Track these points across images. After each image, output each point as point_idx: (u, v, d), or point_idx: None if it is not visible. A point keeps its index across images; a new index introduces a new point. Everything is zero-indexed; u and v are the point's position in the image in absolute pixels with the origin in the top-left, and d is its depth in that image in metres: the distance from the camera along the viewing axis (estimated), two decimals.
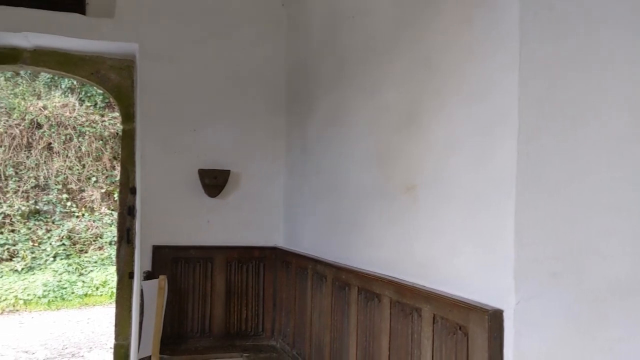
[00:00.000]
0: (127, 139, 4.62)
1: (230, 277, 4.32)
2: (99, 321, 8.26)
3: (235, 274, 4.34)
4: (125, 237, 4.58)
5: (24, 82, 11.49)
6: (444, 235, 2.21)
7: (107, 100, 11.87)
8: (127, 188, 4.59)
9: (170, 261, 4.16)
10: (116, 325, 4.63)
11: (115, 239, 10.93)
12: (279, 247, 4.38)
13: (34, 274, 10.08)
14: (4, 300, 9.04)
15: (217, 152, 4.32)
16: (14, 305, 9.02)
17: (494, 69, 1.96)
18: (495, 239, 1.90)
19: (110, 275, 10.16)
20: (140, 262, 4.15)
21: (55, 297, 9.43)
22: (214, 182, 4.23)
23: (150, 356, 3.76)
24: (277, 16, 4.49)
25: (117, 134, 11.74)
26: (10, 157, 10.97)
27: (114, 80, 4.54)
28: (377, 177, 2.84)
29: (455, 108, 2.17)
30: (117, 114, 11.86)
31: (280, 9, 4.49)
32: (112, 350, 6.31)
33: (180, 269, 4.20)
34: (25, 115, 11.14)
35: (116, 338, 4.62)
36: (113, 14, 4.12)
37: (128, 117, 4.59)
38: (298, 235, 4.08)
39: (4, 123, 10.93)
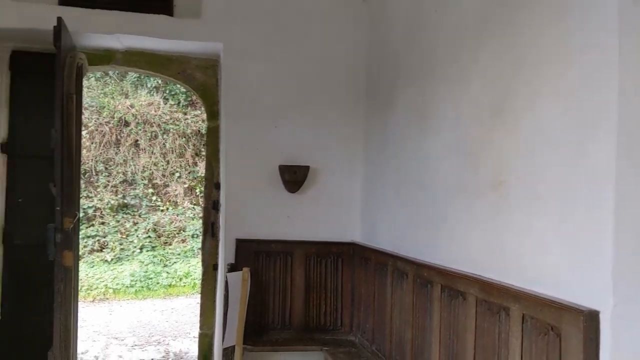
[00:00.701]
0: (212, 136, 4.78)
1: (309, 272, 4.38)
2: (182, 311, 8.59)
3: (314, 268, 4.39)
4: (210, 231, 4.74)
5: (112, 82, 12.10)
6: (534, 233, 2.15)
7: (189, 99, 12.30)
8: (212, 183, 4.75)
9: (252, 254, 4.27)
10: (201, 315, 4.81)
11: (197, 232, 11.39)
12: (356, 242, 4.39)
13: (122, 264, 10.62)
14: (95, 288, 9.58)
15: (297, 148, 4.38)
16: (104, 294, 9.54)
17: (590, 61, 1.88)
18: (592, 236, 1.83)
19: (192, 267, 10.54)
20: (224, 254, 4.29)
21: (142, 287, 9.90)
22: (294, 177, 4.30)
23: (234, 346, 3.88)
24: (357, 12, 4.49)
25: (199, 131, 12.14)
26: (101, 153, 11.59)
27: (199, 79, 4.70)
28: (462, 172, 2.79)
29: (548, 102, 2.10)
30: (198, 111, 12.29)
31: (360, 5, 4.49)
32: (197, 339, 6.59)
33: (261, 262, 4.30)
34: (114, 114, 11.74)
35: (201, 327, 4.80)
36: (199, 15, 4.27)
37: (212, 114, 4.75)
38: (377, 231, 4.08)
39: (95, 121, 11.56)
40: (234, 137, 4.33)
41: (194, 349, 6.20)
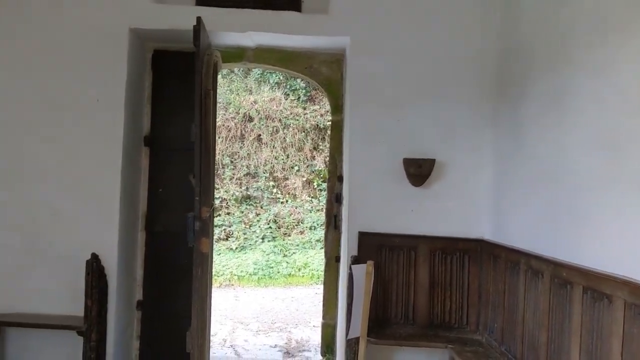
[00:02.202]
0: (336, 129, 4.84)
1: (434, 268, 4.30)
2: (302, 300, 8.82)
3: (439, 264, 4.31)
4: (333, 223, 4.82)
5: (237, 79, 12.67)
6: None
7: (308, 94, 12.57)
8: (335, 176, 4.81)
9: (375, 247, 4.28)
10: (324, 305, 4.90)
11: (315, 224, 11.65)
12: (485, 239, 4.24)
13: (245, 253, 11.13)
14: (221, 275, 10.11)
15: (422, 141, 4.31)
16: (229, 280, 10.05)
17: None
18: None
19: (310, 258, 10.80)
20: (347, 247, 4.34)
21: (264, 275, 10.31)
22: (419, 171, 4.24)
23: (358, 338, 3.91)
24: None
25: (317, 125, 12.38)
26: (227, 147, 12.20)
27: (325, 73, 4.78)
28: (607, 166, 2.60)
29: None
30: (317, 106, 12.52)
31: None
32: (317, 328, 6.74)
33: (384, 256, 4.29)
34: (239, 109, 12.30)
35: (323, 317, 4.90)
36: (327, 10, 4.33)
37: (337, 108, 4.81)
38: (507, 227, 3.91)
39: (222, 117, 12.17)
40: (357, 131, 4.35)
41: (314, 338, 6.35)
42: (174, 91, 4.78)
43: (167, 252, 4.78)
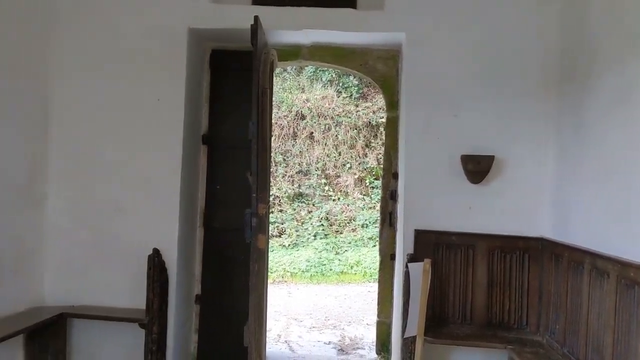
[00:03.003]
0: (391, 126, 4.81)
1: (493, 266, 4.22)
2: (354, 298, 8.81)
3: (497, 263, 4.22)
4: (388, 220, 4.79)
5: (290, 77, 12.77)
6: None
7: (361, 91, 12.54)
8: (390, 173, 4.79)
9: (432, 245, 4.23)
10: (378, 303, 4.89)
11: (367, 222, 11.61)
12: (545, 237, 4.12)
13: (298, 250, 11.21)
14: (274, 271, 10.22)
15: (480, 138, 4.23)
16: (282, 277, 10.15)
17: None
18: None
19: (362, 255, 10.78)
20: (403, 245, 4.30)
21: (316, 272, 10.36)
22: (477, 167, 4.17)
23: (414, 336, 3.88)
24: None
25: (370, 123, 12.34)
26: (280, 145, 12.32)
27: (380, 70, 4.77)
28: None
29: None
30: (369, 103, 12.48)
31: None
32: (371, 326, 6.72)
33: (441, 254, 4.24)
34: (292, 108, 12.40)
35: (378, 315, 4.88)
36: (382, 6, 4.31)
37: (392, 105, 4.78)
38: (570, 225, 3.79)
39: (275, 115, 12.29)
40: (413, 127, 4.31)
41: (368, 336, 6.33)
42: (231, 90, 4.86)
43: (224, 248, 4.87)
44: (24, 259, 4.21)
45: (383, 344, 4.87)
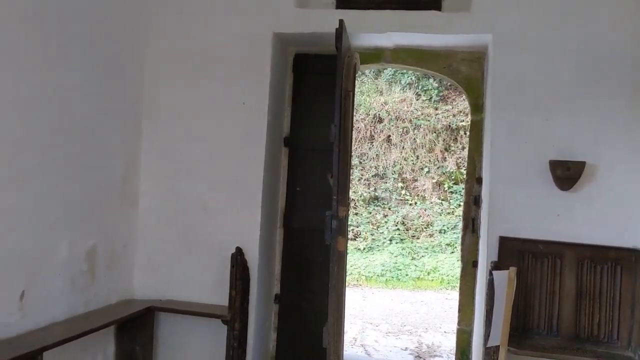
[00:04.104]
0: (475, 129, 4.71)
1: (582, 277, 4.02)
2: (431, 305, 8.68)
3: (587, 274, 4.02)
4: (470, 226, 4.68)
5: (368, 80, 12.77)
6: None
7: (441, 94, 12.36)
8: (474, 178, 4.68)
9: (516, 253, 4.09)
10: (459, 310, 4.78)
11: (445, 227, 11.41)
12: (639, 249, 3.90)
13: (373, 253, 11.18)
14: (349, 274, 10.23)
15: (570, 142, 4.05)
16: (357, 280, 10.15)
17: None
18: None
19: (440, 262, 10.60)
20: (486, 252, 4.19)
21: (391, 277, 10.28)
22: (567, 174, 3.99)
23: (497, 346, 3.77)
24: None
25: (449, 126, 12.14)
26: (356, 148, 12.34)
27: (465, 72, 4.67)
28: None
29: None
30: (449, 106, 12.27)
31: None
32: (448, 334, 6.61)
33: (526, 263, 4.09)
34: (369, 111, 12.40)
35: (459, 323, 4.78)
36: (469, 8, 4.23)
37: (477, 108, 4.68)
38: None
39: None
40: (499, 131, 4.19)
41: (446, 344, 6.22)
42: (313, 93, 4.92)
43: (302, 249, 4.93)
44: (116, 255, 4.44)
45: (463, 353, 4.76)
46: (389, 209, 12.20)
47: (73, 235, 3.91)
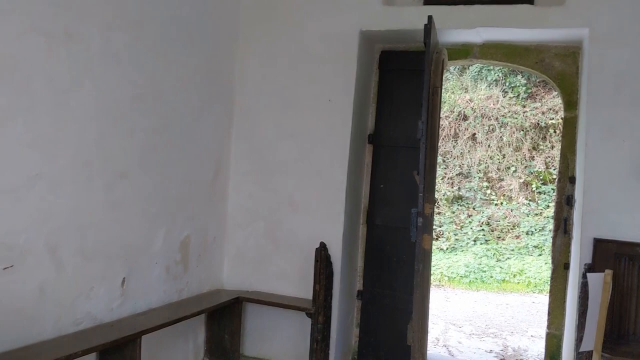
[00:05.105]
0: (569, 127, 4.53)
1: None
2: (517, 308, 8.40)
3: None
4: (562, 227, 4.51)
5: (453, 77, 12.53)
6: None
7: (529, 91, 11.93)
8: (566, 177, 4.50)
9: (612, 256, 3.90)
10: (549, 314, 4.62)
11: (533, 229, 11.00)
12: None
13: (456, 254, 10.96)
14: (431, 274, 10.11)
15: None
16: (439, 281, 9.98)
17: None
18: None
19: (527, 264, 10.23)
20: (579, 254, 4.02)
21: (475, 279, 10.04)
22: None
23: (590, 351, 3.62)
24: None
25: (538, 124, 11.69)
26: (440, 146, 12.12)
27: (558, 67, 4.50)
28: None
29: None
30: (538, 104, 11.81)
31: None
32: (535, 339, 6.39)
33: (623, 266, 3.89)
34: (454, 108, 12.16)
35: (548, 327, 4.61)
36: (563, 1, 4.07)
37: (570, 105, 4.49)
38: None
39: None
40: (595, 128, 4.01)
41: (532, 348, 6.02)
42: (398, 90, 4.91)
43: (385, 246, 4.94)
44: (207, 246, 4.65)
45: (552, 357, 4.59)
46: (474, 208, 11.91)
47: (168, 227, 4.15)
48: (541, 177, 11.50)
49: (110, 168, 3.54)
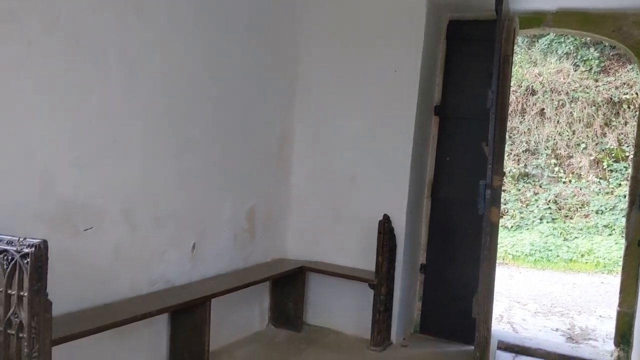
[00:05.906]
0: None
1: None
2: (585, 288, 8.14)
3: None
4: (638, 203, 4.32)
5: (521, 51, 12.08)
6: None
7: (602, 65, 11.37)
8: None
9: None
10: (621, 292, 4.47)
11: (603, 208, 10.58)
12: None
13: (521, 232, 10.70)
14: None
15: None
16: (503, 259, 9.78)
17: None
18: None
19: (596, 244, 9.88)
20: None
21: (541, 257, 9.79)
22: None
23: None
24: None
25: (611, 99, 11.15)
26: None
27: (637, 36, 4.27)
28: None
29: None
30: (612, 78, 11.25)
31: None
32: (603, 319, 6.20)
33: None
34: (521, 82, 11.75)
35: (620, 305, 4.47)
36: None
37: None
38: None
39: None
40: None
41: (601, 328, 5.85)
42: (466, 61, 4.79)
43: (449, 220, 4.88)
44: (272, 217, 4.74)
45: (623, 336, 4.44)
46: (540, 186, 11.55)
47: (235, 197, 4.26)
48: (613, 155, 11.00)
49: (179, 138, 3.66)
